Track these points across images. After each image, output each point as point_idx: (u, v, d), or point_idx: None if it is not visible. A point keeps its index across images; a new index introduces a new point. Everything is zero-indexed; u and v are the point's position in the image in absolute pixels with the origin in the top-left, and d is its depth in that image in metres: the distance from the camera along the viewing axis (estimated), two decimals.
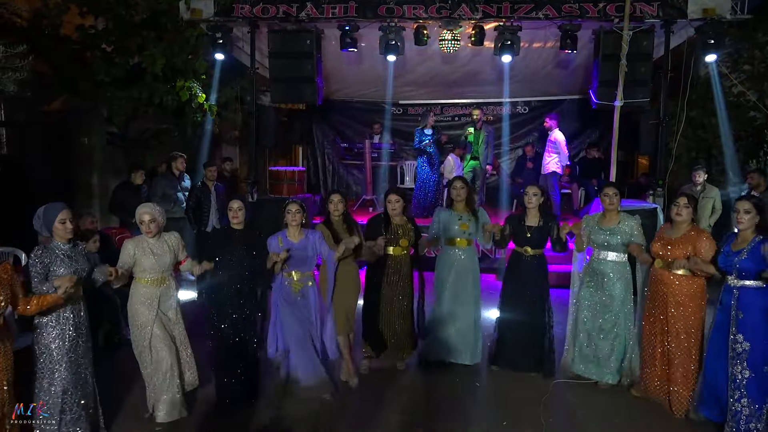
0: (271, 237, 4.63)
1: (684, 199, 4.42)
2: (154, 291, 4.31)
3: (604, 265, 4.89)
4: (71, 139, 8.92)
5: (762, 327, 3.92)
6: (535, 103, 11.76)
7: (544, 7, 8.03)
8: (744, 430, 3.94)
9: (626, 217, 4.89)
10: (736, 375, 3.97)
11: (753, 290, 3.96)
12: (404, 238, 5.11)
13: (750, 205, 3.98)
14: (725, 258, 4.07)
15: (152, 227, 4.23)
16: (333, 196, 4.96)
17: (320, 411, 4.52)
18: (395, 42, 8.33)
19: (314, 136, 12.27)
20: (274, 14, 8.42)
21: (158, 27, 8.42)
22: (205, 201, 7.50)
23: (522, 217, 5.18)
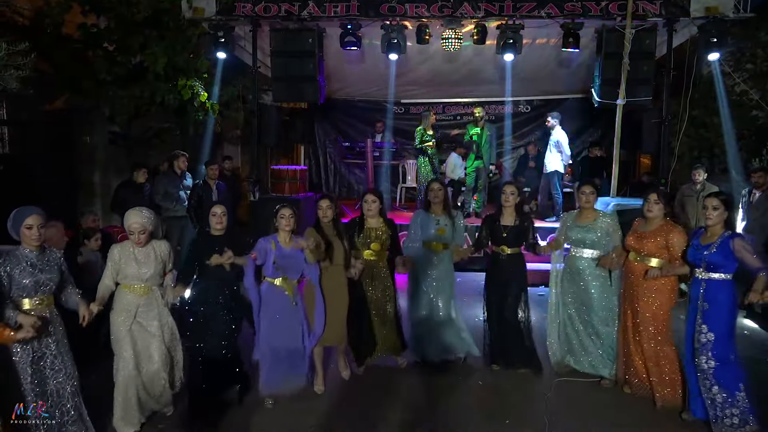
0: (262, 239, 4.47)
1: (654, 195, 4.54)
2: (134, 300, 4.11)
3: (581, 261, 4.97)
4: (73, 138, 8.92)
5: (726, 318, 4.08)
6: (538, 102, 11.76)
7: (546, 6, 8.02)
8: (722, 417, 4.06)
9: (603, 215, 4.98)
10: (702, 365, 4.13)
11: (719, 283, 4.09)
12: (375, 242, 4.97)
13: (719, 201, 4.12)
14: (694, 251, 4.20)
15: (142, 238, 4.03)
16: (322, 201, 4.76)
17: (321, 412, 4.50)
18: (397, 41, 8.33)
19: (316, 135, 12.27)
20: (276, 13, 8.42)
21: (160, 26, 8.41)
22: (206, 199, 7.49)
23: (497, 216, 5.15)
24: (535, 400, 4.71)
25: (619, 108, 7.90)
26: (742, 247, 3.99)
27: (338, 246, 4.69)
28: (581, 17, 8.00)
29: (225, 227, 4.46)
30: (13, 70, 3.98)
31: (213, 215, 4.42)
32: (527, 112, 11.83)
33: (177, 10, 8.42)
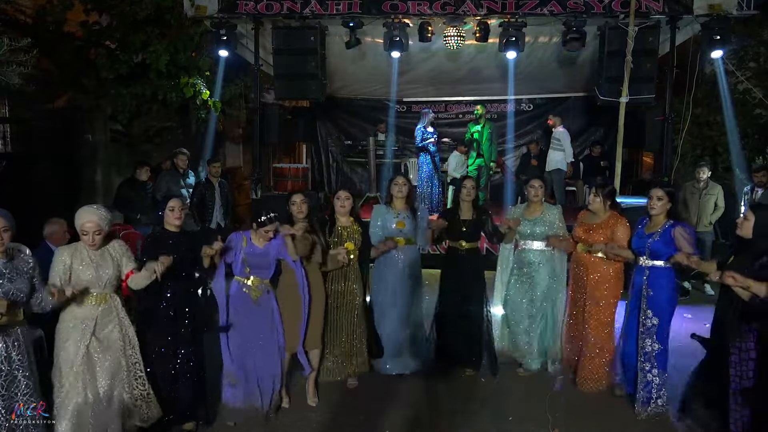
0: (235, 233, 4.27)
1: (593, 189, 4.78)
2: (90, 312, 3.59)
3: (531, 254, 5.09)
4: (75, 136, 8.92)
5: (669, 303, 4.32)
6: (540, 101, 11.73)
7: (549, 3, 8.00)
8: (655, 398, 4.33)
9: (549, 207, 5.15)
10: (646, 348, 4.34)
11: (662, 270, 4.31)
12: (349, 242, 4.72)
13: (663, 193, 4.33)
14: (638, 240, 4.42)
15: (96, 239, 3.54)
16: (295, 197, 4.50)
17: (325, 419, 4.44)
18: (399, 39, 8.31)
19: (318, 134, 12.26)
20: (278, 11, 8.39)
21: (162, 23, 8.43)
22: (209, 197, 7.51)
23: (456, 211, 5.13)
24: (537, 397, 4.71)
25: (621, 106, 7.85)
26: (680, 235, 4.19)
27: (318, 241, 4.44)
28: (584, 15, 7.98)
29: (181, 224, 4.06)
30: (15, 66, 3.96)
31: (171, 209, 3.99)
32: (529, 110, 11.81)
33: (179, 8, 8.41)
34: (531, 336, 5.12)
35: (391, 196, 5.04)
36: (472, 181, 5.18)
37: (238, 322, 4.18)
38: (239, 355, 4.18)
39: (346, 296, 4.78)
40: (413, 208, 5.08)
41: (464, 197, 5.10)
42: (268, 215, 4.10)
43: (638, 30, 7.73)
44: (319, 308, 4.54)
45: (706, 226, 7.56)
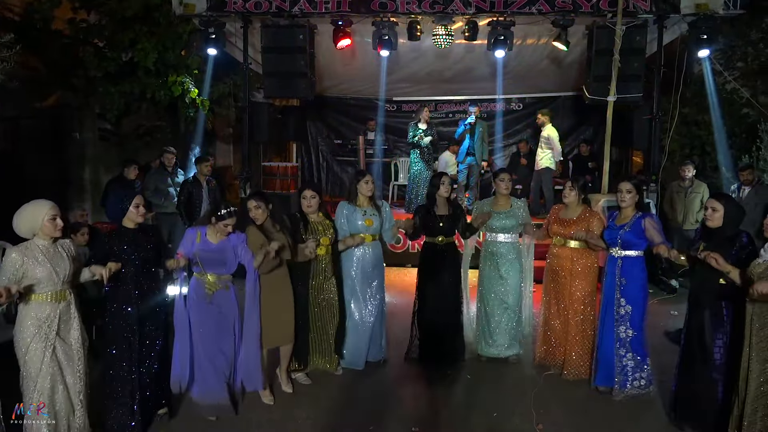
0: (190, 228, 4.28)
1: (569, 183, 5.00)
2: (50, 310, 3.50)
3: (501, 246, 5.22)
4: (64, 134, 8.89)
5: (641, 291, 4.49)
6: (530, 100, 11.75)
7: (537, 2, 8.00)
8: (631, 380, 4.52)
9: (516, 201, 5.33)
10: (620, 334, 4.51)
11: (633, 259, 4.49)
12: (325, 237, 4.77)
13: (631, 185, 4.51)
14: (610, 232, 4.58)
15: (60, 222, 3.51)
16: (249, 203, 4.46)
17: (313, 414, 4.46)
18: (388, 37, 8.31)
19: (308, 133, 12.24)
20: (267, 9, 8.36)
21: (151, 21, 8.41)
22: (197, 196, 7.49)
23: (431, 207, 5.17)
24: (523, 392, 4.74)
25: (609, 105, 7.90)
26: (651, 226, 4.38)
27: (285, 240, 4.42)
28: (572, 14, 8.00)
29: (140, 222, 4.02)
30: None
31: (136, 207, 3.93)
32: (519, 109, 11.82)
33: (167, 5, 8.38)
34: (505, 326, 5.26)
35: (356, 193, 5.03)
36: (448, 177, 5.23)
37: (194, 318, 4.17)
38: (200, 351, 4.18)
39: (326, 293, 4.85)
40: (377, 205, 5.11)
41: (441, 193, 5.13)
42: (228, 209, 4.09)
43: (626, 29, 7.76)
44: (285, 304, 4.55)
45: (692, 224, 7.61)
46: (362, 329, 5.08)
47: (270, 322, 4.45)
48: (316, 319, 4.87)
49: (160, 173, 7.99)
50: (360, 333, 5.08)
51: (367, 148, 10.69)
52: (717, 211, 3.85)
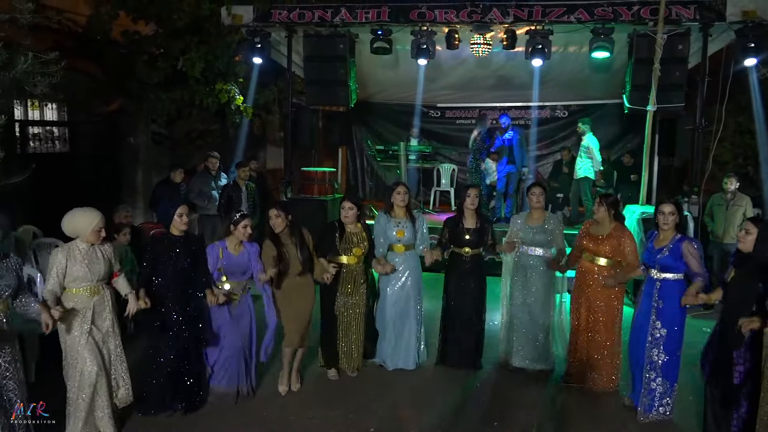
0: (211, 246, 4.56)
1: (598, 198, 5.02)
2: (87, 302, 3.94)
3: (533, 259, 5.27)
4: (119, 138, 9.45)
5: (678, 316, 4.40)
6: (575, 107, 11.59)
7: (576, 11, 7.96)
8: (657, 405, 4.47)
9: (550, 216, 5.38)
10: (653, 357, 4.45)
11: (672, 282, 4.39)
12: (358, 247, 5.00)
13: (673, 207, 4.40)
14: (649, 254, 4.51)
15: (104, 233, 3.96)
16: (270, 211, 4.73)
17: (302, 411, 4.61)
18: (426, 46, 8.43)
19: (354, 138, 12.48)
20: (310, 19, 8.65)
21: (201, 32, 8.83)
22: (236, 199, 7.83)
23: (459, 219, 5.28)
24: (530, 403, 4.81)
25: (649, 114, 7.76)
26: (689, 252, 4.29)
27: (293, 255, 4.69)
28: (612, 22, 7.91)
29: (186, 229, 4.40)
30: (39, 77, 4.32)
31: (179, 216, 4.33)
32: (564, 117, 11.67)
33: (217, 17, 8.80)
34: (532, 339, 5.29)
35: (392, 204, 5.23)
36: (476, 189, 5.34)
37: (214, 319, 4.52)
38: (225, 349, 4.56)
39: (355, 299, 5.07)
40: (412, 215, 5.28)
41: (468, 205, 5.25)
42: (240, 212, 4.56)
43: (667, 37, 7.61)
44: (300, 311, 4.80)
45: (732, 238, 7.35)
46: (394, 336, 5.31)
47: (287, 325, 4.79)
48: (344, 323, 5.08)
49: (204, 177, 8.39)
50: (391, 339, 5.31)
51: (408, 154, 10.81)
52: (750, 233, 3.77)
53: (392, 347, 5.35)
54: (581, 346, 5.06)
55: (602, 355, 4.95)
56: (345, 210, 4.99)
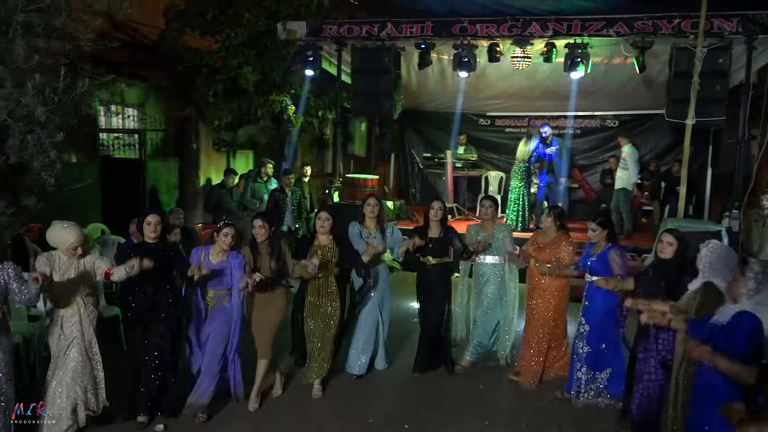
0: (196, 248, 4.71)
1: (546, 210, 5.51)
2: (73, 311, 4.18)
3: (483, 267, 5.73)
4: (183, 144, 10.26)
5: (600, 313, 4.93)
6: (626, 117, 11.51)
7: (615, 24, 8.07)
8: (583, 392, 5.00)
9: (500, 226, 5.84)
10: (578, 350, 5.03)
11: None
12: (325, 258, 5.02)
13: (595, 225, 4.95)
14: (584, 259, 5.08)
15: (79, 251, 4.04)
16: (255, 221, 4.86)
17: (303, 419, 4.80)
18: (468, 59, 8.74)
19: (405, 145, 12.88)
20: (358, 34, 9.16)
21: (258, 46, 9.48)
22: (282, 203, 8.41)
23: (425, 229, 5.53)
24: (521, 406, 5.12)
25: (687, 128, 7.74)
26: (612, 258, 4.86)
27: (265, 266, 4.76)
28: (652, 35, 7.95)
29: (158, 236, 4.52)
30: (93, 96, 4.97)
31: (147, 224, 4.46)
32: (614, 126, 11.56)
33: (273, 32, 9.43)
34: (484, 337, 5.77)
35: (363, 215, 5.45)
36: (439, 202, 5.61)
37: (193, 328, 4.70)
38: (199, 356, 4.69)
39: (321, 308, 5.13)
40: (383, 227, 5.49)
41: (432, 217, 5.52)
42: (225, 222, 4.69)
43: (708, 51, 7.58)
44: (268, 323, 4.87)
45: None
46: (360, 340, 5.53)
47: (258, 336, 4.89)
48: (309, 334, 5.17)
49: (256, 181, 9.03)
50: (357, 344, 5.53)
51: (456, 162, 11.10)
52: (672, 245, 4.28)
53: (359, 354, 5.52)
54: (533, 343, 5.47)
55: (555, 352, 5.51)
56: (321, 220, 5.08)
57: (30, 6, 4.50)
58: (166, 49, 9.51)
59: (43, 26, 4.64)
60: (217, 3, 9.20)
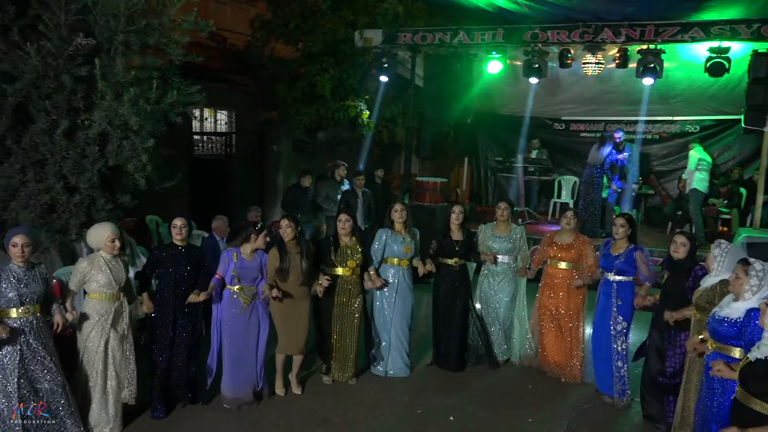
0: (226, 251, 4.93)
1: (570, 212, 5.77)
2: (108, 306, 4.40)
3: (498, 266, 5.97)
4: (265, 146, 10.93)
5: (632, 311, 5.20)
6: (708, 122, 11.14)
7: (691, 30, 7.92)
8: (627, 389, 5.21)
9: (515, 227, 6.09)
10: (618, 348, 5.19)
11: (627, 284, 5.17)
12: (352, 260, 5.31)
13: (624, 220, 5.21)
14: (606, 260, 5.29)
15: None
16: (282, 221, 5.14)
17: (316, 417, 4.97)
18: (538, 65, 8.84)
19: (478, 148, 13.02)
20: (432, 41, 9.44)
21: (336, 53, 9.98)
22: (353, 204, 8.83)
23: (447, 233, 5.79)
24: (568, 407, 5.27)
25: (765, 136, 7.54)
26: (640, 259, 5.09)
27: (296, 264, 5.03)
28: (729, 41, 7.76)
29: (185, 238, 4.77)
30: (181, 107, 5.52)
31: (173, 227, 4.72)
32: (695, 132, 11.21)
33: (350, 40, 9.89)
34: (499, 335, 6.04)
35: (392, 221, 5.68)
36: (459, 207, 5.90)
37: (225, 324, 4.92)
38: (229, 351, 4.92)
39: (349, 309, 5.43)
40: (412, 232, 5.79)
41: (453, 221, 5.80)
42: (257, 226, 4.99)
43: None
44: (297, 319, 5.16)
45: None
46: (385, 343, 5.75)
47: (283, 333, 5.18)
48: (337, 332, 5.44)
49: (331, 182, 9.51)
50: (383, 346, 5.76)
51: (528, 167, 11.16)
52: (685, 246, 4.57)
53: (395, 357, 5.75)
54: (549, 340, 5.77)
55: (572, 347, 5.70)
56: (342, 222, 5.35)
57: (129, 27, 5.12)
58: (252, 57, 10.20)
59: (139, 44, 5.25)
60: (299, 13, 9.77)
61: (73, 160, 4.98)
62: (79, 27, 4.93)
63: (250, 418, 4.89)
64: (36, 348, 3.97)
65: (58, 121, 4.89)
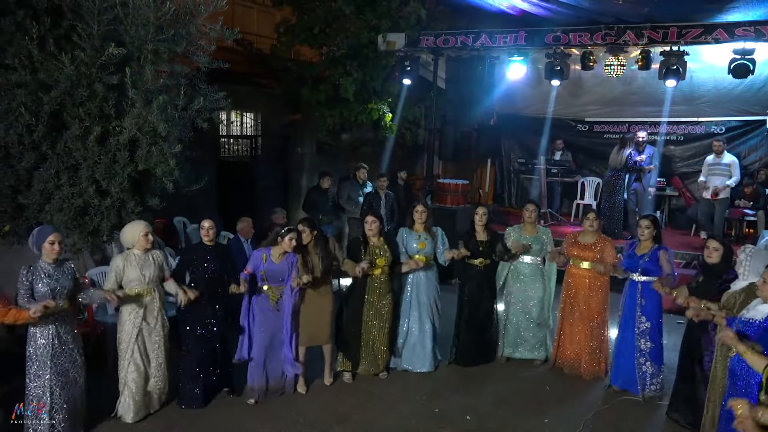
0: (257, 250, 5.17)
1: (593, 214, 5.89)
2: (140, 301, 4.69)
3: (523, 266, 6.14)
4: (289, 148, 11.13)
5: (658, 310, 5.35)
6: (735, 123, 11.00)
7: (714, 31, 7.86)
8: (649, 384, 5.39)
9: (542, 229, 6.27)
10: (642, 346, 5.36)
11: (651, 284, 5.23)
12: (381, 259, 5.52)
13: (649, 222, 5.36)
14: (630, 260, 5.43)
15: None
16: (298, 225, 5.32)
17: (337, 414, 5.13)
18: (560, 68, 8.87)
19: (502, 150, 13.04)
20: (454, 44, 9.51)
21: (359, 57, 10.11)
22: (376, 205, 8.96)
23: (472, 234, 5.91)
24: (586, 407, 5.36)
25: None
26: (664, 258, 5.25)
27: (315, 264, 5.27)
28: (754, 41, 7.70)
29: (213, 239, 5.11)
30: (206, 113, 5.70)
31: (201, 228, 5.08)
32: (721, 132, 11.04)
33: (374, 44, 10.01)
34: (530, 333, 6.16)
35: (412, 221, 5.89)
36: (483, 208, 6.07)
37: (256, 320, 5.17)
38: (258, 346, 5.17)
39: (379, 308, 5.66)
40: (432, 231, 5.91)
41: (477, 222, 5.97)
42: (287, 228, 5.16)
43: None
44: (320, 311, 5.40)
45: None
46: (411, 341, 5.94)
47: (303, 327, 5.37)
48: (367, 330, 5.67)
49: (353, 184, 9.64)
50: (410, 344, 5.94)
51: (551, 168, 11.17)
52: (717, 250, 4.64)
53: (412, 351, 5.94)
54: (573, 338, 5.91)
55: (594, 345, 5.82)
56: (369, 224, 5.57)
57: (158, 36, 5.30)
58: (277, 61, 10.40)
59: (168, 53, 5.44)
60: (323, 18, 9.93)
61: (105, 164, 5.18)
62: (111, 37, 5.11)
63: (271, 413, 5.08)
64: (66, 340, 4.24)
65: (90, 128, 5.09)
